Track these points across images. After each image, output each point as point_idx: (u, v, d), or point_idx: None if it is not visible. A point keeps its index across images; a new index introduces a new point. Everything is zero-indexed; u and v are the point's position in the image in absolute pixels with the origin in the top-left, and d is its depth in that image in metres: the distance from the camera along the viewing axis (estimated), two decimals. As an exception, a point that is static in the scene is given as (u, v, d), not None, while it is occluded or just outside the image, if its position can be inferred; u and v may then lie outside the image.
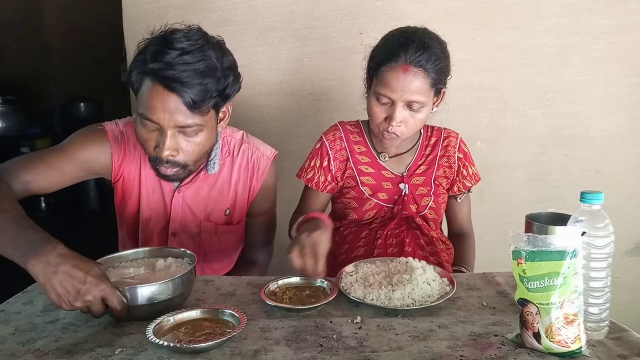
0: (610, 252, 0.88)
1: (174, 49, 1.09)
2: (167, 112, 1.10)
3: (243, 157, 1.39)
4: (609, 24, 1.91)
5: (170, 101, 1.10)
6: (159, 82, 1.09)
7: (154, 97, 1.10)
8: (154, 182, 1.34)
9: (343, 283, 1.12)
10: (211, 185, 1.36)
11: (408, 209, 1.41)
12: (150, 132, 1.15)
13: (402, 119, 1.29)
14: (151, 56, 1.10)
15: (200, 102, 1.11)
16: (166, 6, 1.98)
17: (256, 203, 1.43)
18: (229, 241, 1.44)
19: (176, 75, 1.08)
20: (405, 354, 0.85)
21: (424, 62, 1.24)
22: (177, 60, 1.08)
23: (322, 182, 1.44)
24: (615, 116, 1.98)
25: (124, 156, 1.30)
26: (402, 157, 1.45)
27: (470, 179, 1.48)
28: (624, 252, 2.06)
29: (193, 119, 1.13)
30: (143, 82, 1.13)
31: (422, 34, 1.28)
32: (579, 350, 0.83)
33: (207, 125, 1.17)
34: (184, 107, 1.10)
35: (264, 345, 0.88)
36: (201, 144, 1.19)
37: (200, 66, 1.10)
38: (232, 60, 1.21)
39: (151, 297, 0.95)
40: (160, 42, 1.11)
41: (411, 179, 1.43)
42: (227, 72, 1.17)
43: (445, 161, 1.46)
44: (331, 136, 1.46)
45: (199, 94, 1.10)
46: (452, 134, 1.49)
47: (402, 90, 1.25)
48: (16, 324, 0.99)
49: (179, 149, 1.16)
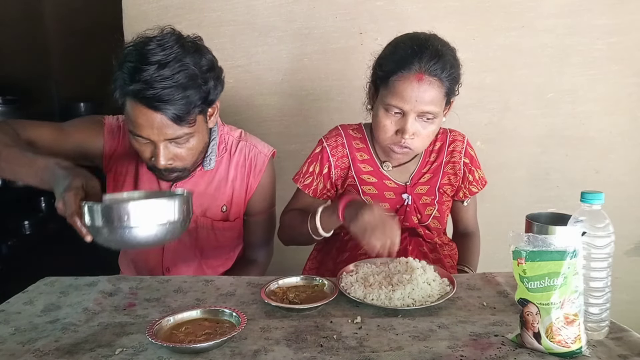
0: (610, 252, 0.88)
1: (150, 63, 1.09)
2: (155, 129, 1.13)
3: (240, 154, 1.40)
4: (609, 24, 1.91)
5: (155, 119, 1.12)
6: (141, 102, 1.11)
7: (139, 116, 1.13)
8: (151, 178, 1.36)
9: (343, 283, 1.11)
10: (208, 181, 1.37)
11: (410, 220, 1.37)
12: (143, 145, 1.19)
13: (414, 131, 1.23)
14: (129, 76, 1.10)
15: (185, 115, 1.13)
16: (166, 6, 1.98)
17: (254, 201, 1.44)
18: (225, 238, 1.44)
19: (157, 94, 1.09)
20: (405, 354, 0.85)
21: (439, 70, 1.18)
22: (155, 77, 1.08)
23: (319, 189, 1.40)
24: (615, 116, 1.98)
25: (114, 149, 1.34)
26: (406, 166, 1.40)
27: (477, 184, 1.43)
28: (624, 252, 2.06)
29: (182, 129, 1.15)
30: (126, 101, 1.15)
31: (434, 40, 1.22)
32: (579, 351, 0.83)
33: (197, 131, 1.21)
34: (170, 122, 1.13)
35: (264, 345, 0.88)
36: (195, 147, 1.23)
37: (179, 78, 1.10)
38: (210, 59, 1.20)
39: (152, 216, 0.91)
40: (136, 58, 1.11)
41: (415, 188, 1.38)
42: (207, 75, 1.17)
43: (451, 168, 1.41)
44: (333, 142, 1.40)
45: (182, 108, 1.12)
46: (458, 138, 1.43)
47: (415, 100, 1.18)
48: (16, 324, 0.99)
49: (174, 157, 1.20)
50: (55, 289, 1.16)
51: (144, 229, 0.92)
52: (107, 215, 0.90)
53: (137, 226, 0.91)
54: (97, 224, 0.91)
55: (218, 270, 1.47)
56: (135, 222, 0.90)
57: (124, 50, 1.15)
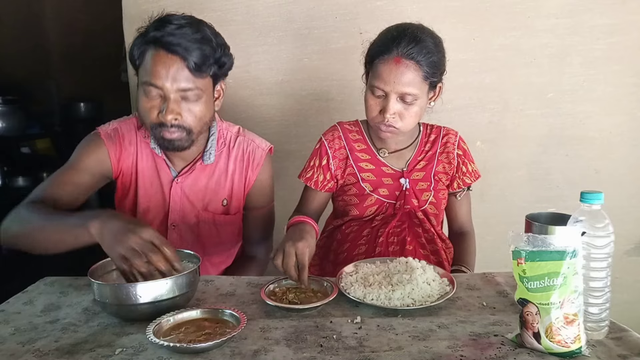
0: (610, 252, 0.88)
1: (173, 23, 1.20)
2: (171, 76, 1.18)
3: (239, 148, 1.43)
4: (609, 24, 1.91)
5: (173, 64, 1.18)
6: (162, 47, 1.18)
7: (158, 62, 1.18)
8: (152, 175, 1.37)
9: (343, 283, 1.12)
10: (208, 175, 1.40)
11: (410, 202, 1.42)
12: (153, 99, 1.21)
13: (395, 111, 1.30)
14: (152, 28, 1.20)
15: (201, 65, 1.19)
16: (166, 6, 1.95)
17: (253, 195, 1.46)
18: (227, 233, 1.46)
19: (177, 40, 1.17)
20: (405, 354, 0.85)
21: (416, 54, 1.26)
22: (176, 31, 1.18)
23: (320, 181, 1.45)
24: (615, 116, 1.98)
25: (120, 151, 1.35)
26: (402, 152, 1.46)
27: (470, 176, 1.48)
28: (624, 252, 2.06)
29: (195, 82, 1.20)
30: (146, 52, 1.21)
31: (415, 28, 1.31)
32: (579, 350, 0.83)
33: (206, 93, 1.25)
34: (187, 71, 1.18)
35: (264, 345, 0.88)
36: (201, 113, 1.25)
37: (197, 36, 1.20)
38: (223, 41, 1.29)
39: (155, 296, 0.95)
40: (159, 19, 1.22)
41: (411, 174, 1.44)
42: (221, 46, 1.26)
43: (445, 157, 1.47)
44: (330, 136, 1.47)
45: (199, 57, 1.19)
46: (451, 132, 1.50)
47: (394, 82, 1.27)
48: (16, 324, 0.99)
49: (182, 112, 1.22)
50: (55, 289, 1.16)
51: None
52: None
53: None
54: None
55: (220, 268, 1.48)
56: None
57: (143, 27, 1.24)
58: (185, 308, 0.98)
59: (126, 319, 0.98)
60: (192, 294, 1.06)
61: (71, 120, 4.14)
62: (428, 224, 1.44)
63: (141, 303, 0.95)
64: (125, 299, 0.94)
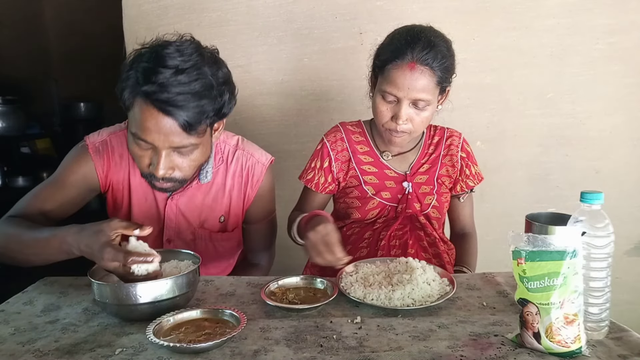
0: (610, 252, 0.88)
1: (167, 67, 1.04)
2: (162, 134, 1.07)
3: (237, 163, 1.36)
4: (609, 24, 1.91)
5: (165, 124, 1.06)
6: (153, 105, 1.05)
7: (148, 119, 1.07)
8: (146, 190, 1.32)
9: (343, 283, 1.12)
10: (205, 192, 1.35)
11: (412, 207, 1.41)
12: (144, 150, 1.13)
13: (408, 117, 1.28)
14: (143, 76, 1.05)
15: (196, 124, 1.08)
16: (166, 6, 1.98)
17: (253, 210, 1.41)
18: (224, 248, 1.42)
19: (171, 98, 1.04)
20: (405, 354, 0.85)
21: (431, 60, 1.23)
22: (171, 81, 1.04)
23: (321, 183, 1.44)
24: (615, 116, 1.98)
25: (108, 166, 1.30)
26: (405, 155, 1.45)
27: (473, 179, 1.47)
28: (624, 252, 2.06)
29: (189, 139, 1.10)
30: (135, 102, 1.08)
31: (428, 32, 1.28)
32: (579, 350, 0.83)
33: (202, 143, 1.16)
34: (179, 129, 1.07)
35: (264, 345, 0.88)
36: (196, 160, 1.17)
37: (196, 86, 1.06)
38: (226, 73, 1.17)
39: (155, 296, 0.95)
40: (152, 58, 1.06)
41: (414, 177, 1.42)
42: (223, 88, 1.13)
43: (448, 160, 1.46)
44: (332, 137, 1.45)
45: (194, 116, 1.07)
46: (455, 134, 1.49)
47: (408, 88, 1.24)
48: (16, 324, 0.99)
49: (174, 166, 1.14)
50: (55, 289, 1.16)
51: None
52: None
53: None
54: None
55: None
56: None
57: (138, 50, 1.11)
58: (185, 308, 0.98)
59: (126, 319, 0.98)
60: (192, 294, 1.06)
61: (71, 120, 4.14)
62: (430, 227, 1.43)
63: (141, 303, 0.95)
64: (125, 299, 0.94)
